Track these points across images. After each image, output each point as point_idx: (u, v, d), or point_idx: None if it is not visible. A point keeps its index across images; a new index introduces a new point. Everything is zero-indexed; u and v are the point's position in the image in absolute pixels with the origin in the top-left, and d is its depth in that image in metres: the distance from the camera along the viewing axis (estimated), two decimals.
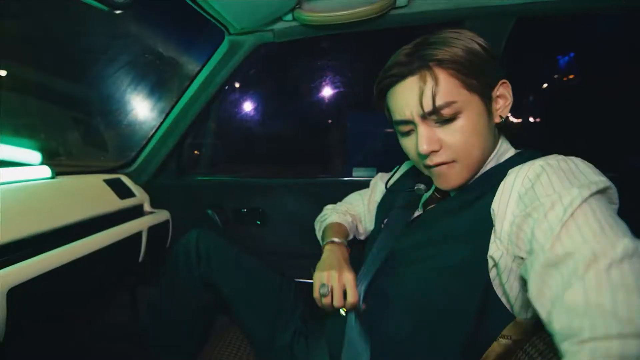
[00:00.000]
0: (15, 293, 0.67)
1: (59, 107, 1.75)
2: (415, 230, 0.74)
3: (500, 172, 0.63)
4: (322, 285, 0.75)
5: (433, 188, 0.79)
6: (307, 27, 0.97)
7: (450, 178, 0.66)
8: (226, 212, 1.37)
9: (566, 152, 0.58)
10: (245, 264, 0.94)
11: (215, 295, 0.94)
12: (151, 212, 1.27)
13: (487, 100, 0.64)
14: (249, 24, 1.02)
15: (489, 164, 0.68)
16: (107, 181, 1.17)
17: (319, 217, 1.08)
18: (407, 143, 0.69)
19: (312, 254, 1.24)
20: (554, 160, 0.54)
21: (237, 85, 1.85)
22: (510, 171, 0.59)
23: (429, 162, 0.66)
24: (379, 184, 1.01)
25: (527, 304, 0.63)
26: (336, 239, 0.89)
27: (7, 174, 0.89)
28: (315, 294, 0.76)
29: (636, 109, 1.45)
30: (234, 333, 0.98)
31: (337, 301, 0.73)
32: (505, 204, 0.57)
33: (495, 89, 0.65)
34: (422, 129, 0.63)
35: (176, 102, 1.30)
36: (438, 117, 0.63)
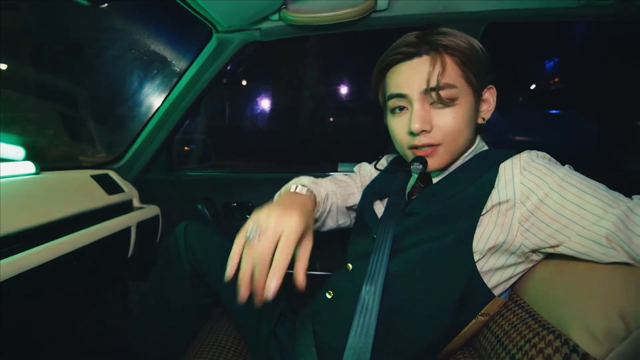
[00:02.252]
0: (2, 289, 0.65)
1: (44, 101, 1.68)
2: (403, 218, 0.76)
3: (482, 162, 0.68)
4: (253, 228, 0.54)
5: (416, 177, 0.81)
6: (292, 27, 0.97)
7: (433, 160, 0.69)
8: (216, 206, 1.37)
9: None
10: (228, 253, 0.94)
11: (206, 286, 0.94)
12: (140, 208, 1.25)
13: (478, 97, 0.69)
14: (237, 22, 1.01)
15: (469, 156, 0.72)
16: (94, 177, 1.15)
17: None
18: (396, 122, 0.70)
19: None
20: (534, 153, 0.64)
21: (226, 82, 1.82)
22: (504, 164, 0.65)
23: (416, 142, 0.67)
24: (365, 168, 1.00)
25: (506, 283, 0.68)
26: (302, 187, 0.74)
27: None
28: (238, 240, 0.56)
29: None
30: (224, 322, 0.99)
31: (264, 246, 0.51)
32: (512, 192, 0.62)
33: (484, 91, 0.69)
34: (418, 106, 0.66)
35: (165, 98, 1.28)
36: (436, 98, 0.66)
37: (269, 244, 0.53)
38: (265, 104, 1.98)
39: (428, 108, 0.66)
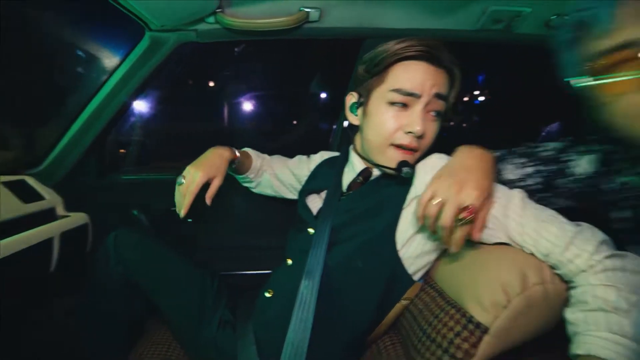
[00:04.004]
0: None
1: None
2: (341, 212, 0.79)
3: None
4: (180, 178, 0.83)
5: (357, 173, 0.84)
6: (229, 31, 0.95)
7: (411, 162, 0.73)
8: (155, 211, 1.28)
9: None
10: (166, 261, 0.90)
11: (142, 296, 0.88)
12: (65, 216, 1.13)
13: None
14: (170, 22, 0.97)
15: None
16: (6, 183, 1.00)
17: None
18: (390, 117, 0.70)
19: (245, 245, 1.25)
20: (438, 155, 0.74)
21: (168, 81, 1.71)
22: (419, 164, 0.73)
23: (406, 142, 0.70)
24: (304, 162, 1.04)
25: (423, 268, 0.75)
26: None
27: None
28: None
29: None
30: (163, 333, 0.93)
31: (185, 189, 0.83)
32: (424, 187, 0.67)
33: None
34: (422, 111, 0.69)
35: (91, 98, 1.16)
36: (440, 107, 0.71)
37: (185, 187, 0.83)
38: (214, 103, 1.90)
39: (425, 114, 0.70)
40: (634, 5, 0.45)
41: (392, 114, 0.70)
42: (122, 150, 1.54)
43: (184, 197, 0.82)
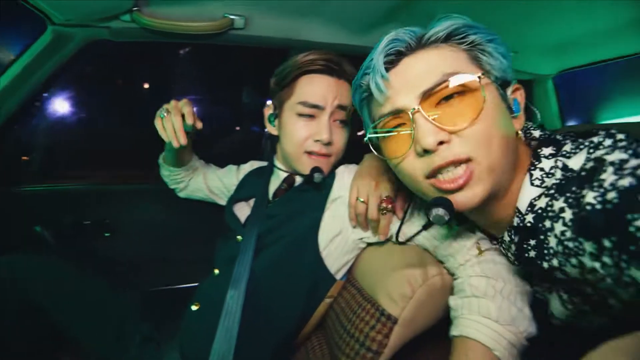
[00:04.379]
0: None
1: None
2: (266, 218, 0.81)
3: (330, 172, 0.80)
4: (161, 109, 0.79)
5: (282, 180, 0.86)
6: (146, 31, 0.90)
7: (324, 167, 0.77)
8: (63, 226, 1.13)
9: None
10: (75, 282, 0.82)
11: (45, 322, 0.78)
12: None
13: None
14: (76, 16, 0.88)
15: None
16: None
17: None
18: (300, 127, 0.75)
19: (169, 258, 1.17)
20: (346, 165, 0.81)
21: (79, 82, 1.53)
22: (338, 169, 0.80)
23: (317, 149, 0.74)
24: (233, 172, 1.04)
25: (345, 267, 0.79)
26: None
27: None
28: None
29: None
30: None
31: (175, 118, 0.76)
32: (344, 190, 0.75)
33: None
34: (328, 121, 0.73)
35: None
36: (345, 117, 0.76)
37: (172, 111, 0.77)
38: (140, 107, 1.74)
39: (332, 123, 0.75)
40: (400, 75, 0.51)
41: (302, 124, 0.75)
42: (24, 158, 1.33)
43: (172, 123, 0.76)
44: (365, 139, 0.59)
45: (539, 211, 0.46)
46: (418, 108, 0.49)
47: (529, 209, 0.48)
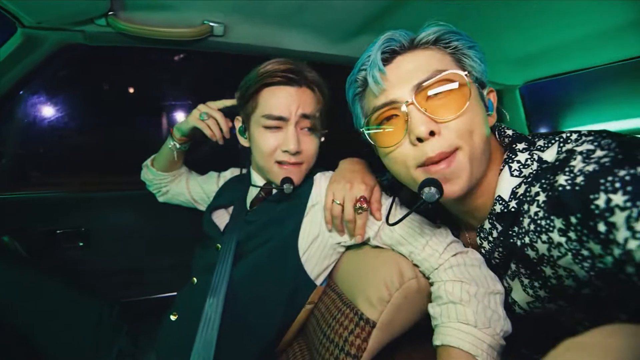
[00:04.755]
0: None
1: None
2: (245, 225, 0.80)
3: (308, 179, 0.81)
4: (202, 113, 0.84)
5: (259, 189, 0.86)
6: (123, 36, 0.88)
7: (297, 176, 0.77)
8: (34, 236, 1.07)
9: None
10: (45, 296, 0.79)
11: (16, 337, 0.74)
12: None
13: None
14: (47, 19, 0.85)
15: None
16: None
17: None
18: (267, 138, 0.75)
19: (146, 268, 1.13)
20: (322, 171, 0.82)
21: (52, 86, 1.47)
22: (316, 176, 0.81)
23: (286, 159, 0.75)
24: (214, 178, 1.04)
25: (324, 272, 0.80)
26: None
27: None
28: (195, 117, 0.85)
29: None
30: None
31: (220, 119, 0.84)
32: (322, 195, 0.76)
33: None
34: (294, 130, 0.74)
35: None
36: (311, 125, 0.76)
37: (211, 110, 0.85)
38: (116, 110, 1.68)
39: (299, 132, 0.75)
40: (395, 71, 0.56)
41: (269, 135, 0.75)
42: None
43: (215, 121, 0.84)
44: (361, 129, 0.63)
45: (520, 197, 0.53)
46: (412, 100, 0.54)
47: (511, 196, 0.54)
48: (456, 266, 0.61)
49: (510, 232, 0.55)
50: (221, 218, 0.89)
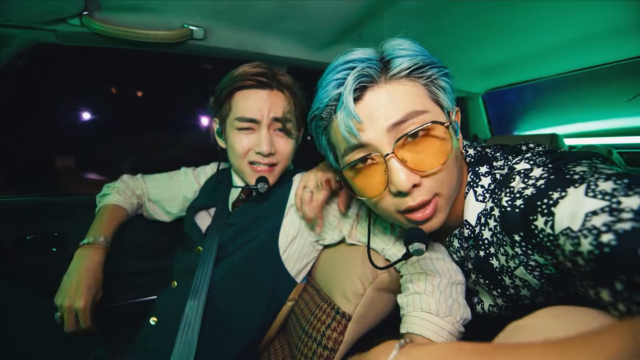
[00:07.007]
0: None
1: None
2: (226, 228, 0.79)
3: (284, 176, 0.81)
4: (56, 309, 0.71)
5: (239, 191, 0.85)
6: (98, 36, 0.84)
7: (271, 178, 0.77)
8: (2, 241, 0.99)
9: None
10: (18, 303, 0.73)
11: None
12: None
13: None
14: (16, 17, 0.79)
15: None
16: None
17: (103, 190, 0.95)
18: (240, 140, 0.74)
19: (125, 272, 1.07)
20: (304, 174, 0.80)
21: (22, 85, 1.37)
22: (295, 177, 0.81)
23: (259, 160, 0.74)
24: (191, 177, 0.97)
25: (304, 269, 0.80)
26: (94, 238, 0.81)
27: None
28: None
29: None
30: None
31: (68, 326, 0.71)
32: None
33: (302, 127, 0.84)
34: (266, 132, 0.73)
35: None
36: (282, 126, 0.76)
37: (72, 322, 0.72)
38: (97, 109, 1.59)
39: (272, 134, 0.74)
40: (365, 110, 0.49)
41: (242, 137, 0.75)
42: None
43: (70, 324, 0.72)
44: (336, 172, 0.62)
45: (484, 215, 0.54)
46: (392, 153, 0.48)
47: (477, 221, 0.55)
48: (422, 260, 0.64)
49: (476, 245, 0.57)
50: (203, 220, 0.88)
